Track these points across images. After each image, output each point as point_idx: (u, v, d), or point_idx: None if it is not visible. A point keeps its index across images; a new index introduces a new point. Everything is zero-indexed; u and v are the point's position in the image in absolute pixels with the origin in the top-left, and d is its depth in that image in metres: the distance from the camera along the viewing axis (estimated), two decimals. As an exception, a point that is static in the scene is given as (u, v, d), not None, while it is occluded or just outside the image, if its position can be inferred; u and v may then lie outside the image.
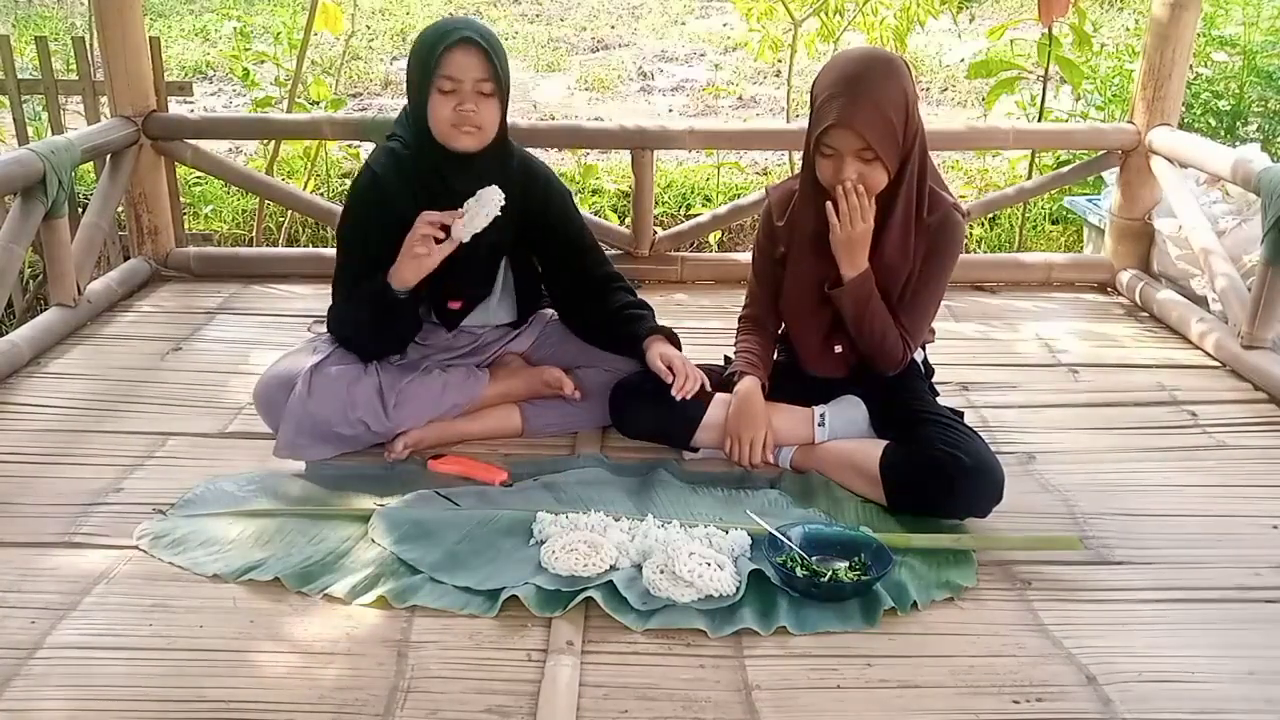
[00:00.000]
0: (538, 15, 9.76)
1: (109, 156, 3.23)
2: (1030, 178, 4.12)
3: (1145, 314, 3.25)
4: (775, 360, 2.34)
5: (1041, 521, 2.03)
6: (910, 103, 1.95)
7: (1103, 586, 1.82)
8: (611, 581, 1.74)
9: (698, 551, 1.78)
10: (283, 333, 2.96)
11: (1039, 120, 4.39)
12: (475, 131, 2.07)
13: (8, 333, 2.83)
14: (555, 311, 2.44)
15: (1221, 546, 1.95)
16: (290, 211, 4.42)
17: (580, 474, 2.14)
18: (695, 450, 2.23)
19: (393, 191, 2.13)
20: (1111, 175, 3.59)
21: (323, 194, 4.82)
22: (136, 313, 3.14)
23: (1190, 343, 2.98)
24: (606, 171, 5.16)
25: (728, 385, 2.21)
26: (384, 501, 2.00)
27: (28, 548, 1.88)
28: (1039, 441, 2.36)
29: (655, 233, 3.50)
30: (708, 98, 7.27)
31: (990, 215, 4.75)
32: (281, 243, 4.60)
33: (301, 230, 4.74)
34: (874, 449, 2.04)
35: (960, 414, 2.15)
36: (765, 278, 2.25)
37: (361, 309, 2.16)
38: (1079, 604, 1.77)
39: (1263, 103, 4.79)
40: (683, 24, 9.52)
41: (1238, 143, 4.43)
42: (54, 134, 3.84)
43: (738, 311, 2.35)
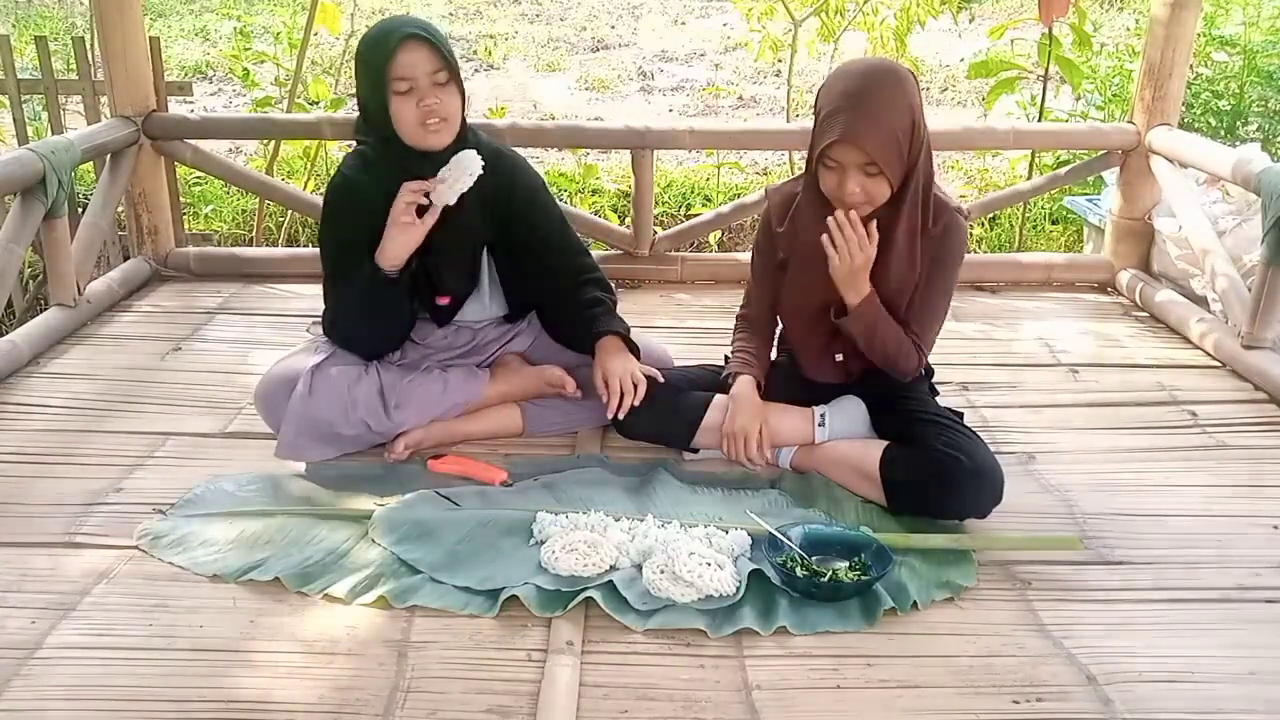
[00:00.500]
0: (538, 15, 9.76)
1: (109, 156, 3.23)
2: (1030, 178, 4.12)
3: (1145, 314, 3.25)
4: (775, 361, 2.34)
5: (1041, 521, 2.03)
6: (916, 117, 1.92)
7: (1103, 586, 1.82)
8: (611, 581, 1.74)
9: (698, 551, 1.78)
10: (283, 333, 2.96)
11: (1039, 120, 4.39)
12: (443, 125, 2.07)
13: (8, 333, 2.82)
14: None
15: (1221, 546, 1.95)
16: (290, 211, 4.42)
17: (580, 474, 2.14)
18: (695, 451, 2.23)
19: (366, 192, 2.11)
20: (1111, 175, 3.59)
21: (322, 194, 4.81)
22: (136, 313, 3.14)
23: (1190, 343, 2.98)
24: (606, 171, 5.16)
25: (725, 386, 2.21)
26: (384, 501, 2.00)
27: (28, 548, 1.88)
28: (1039, 441, 2.36)
29: (655, 233, 3.50)
30: (708, 98, 7.27)
31: (990, 215, 4.75)
32: (281, 243, 4.59)
33: (301, 230, 4.74)
34: (874, 450, 2.05)
35: (960, 414, 2.15)
36: (764, 280, 2.24)
37: (354, 298, 2.15)
38: (1079, 604, 1.77)
39: (1263, 103, 4.79)
40: (683, 24, 9.52)
41: (1238, 143, 4.43)
42: (54, 134, 3.85)
43: (738, 311, 2.35)
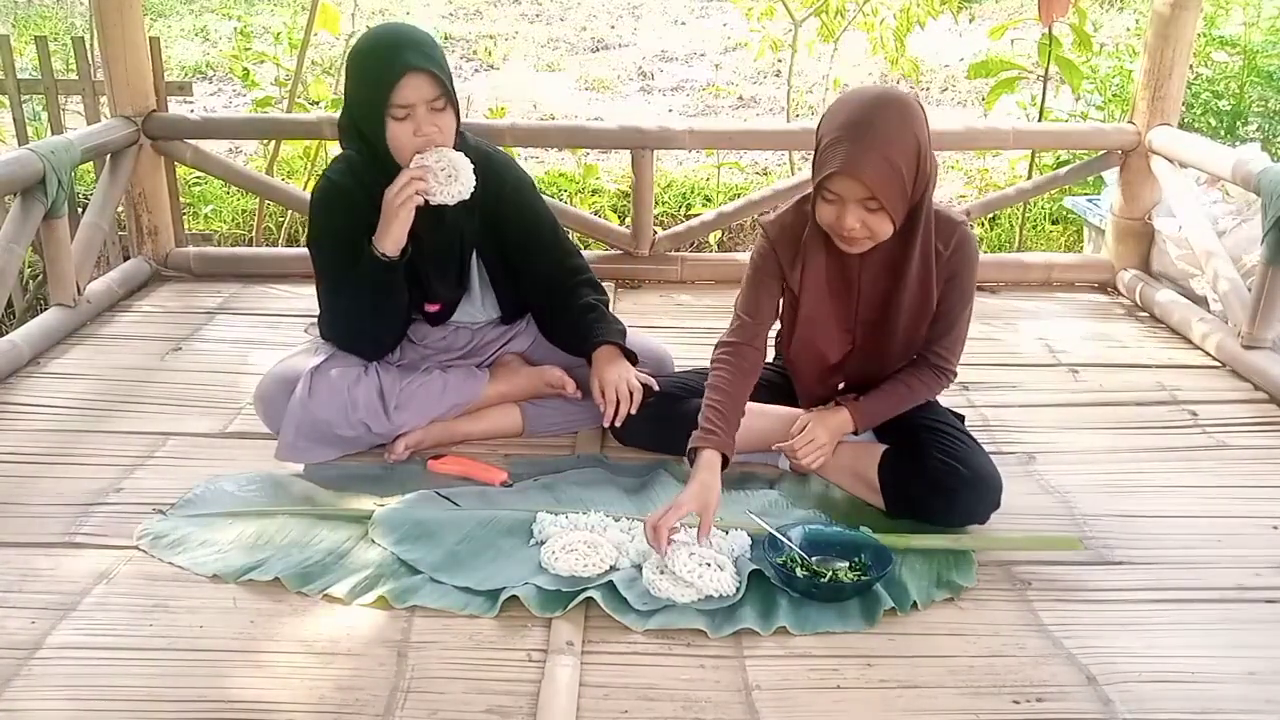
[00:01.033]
0: (538, 15, 9.75)
1: (109, 156, 3.23)
2: (1030, 178, 4.12)
3: (1145, 314, 3.26)
4: (772, 364, 2.33)
5: (1041, 522, 2.03)
6: (922, 151, 1.80)
7: (1103, 586, 1.82)
8: (611, 582, 1.74)
9: (697, 551, 1.78)
10: (283, 333, 2.96)
11: (1039, 120, 4.39)
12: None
13: (8, 333, 2.83)
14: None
15: (1221, 546, 1.95)
16: (290, 211, 4.42)
17: (580, 474, 2.14)
18: (695, 456, 2.22)
19: (354, 196, 2.10)
20: (1111, 175, 3.59)
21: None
22: (136, 313, 3.14)
23: (1190, 343, 2.98)
24: (606, 171, 5.16)
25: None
26: (384, 502, 2.00)
27: (28, 548, 1.88)
28: (1039, 441, 2.36)
29: (655, 233, 3.50)
30: (708, 98, 7.27)
31: (990, 215, 4.75)
32: (281, 243, 4.60)
33: (301, 230, 4.74)
34: (873, 455, 2.04)
35: (961, 417, 2.15)
36: (761, 312, 2.08)
37: (355, 292, 2.13)
38: (1079, 604, 1.77)
39: (1263, 103, 4.79)
40: (683, 24, 9.52)
41: (1238, 143, 4.44)
42: (54, 134, 3.85)
43: (722, 338, 2.26)
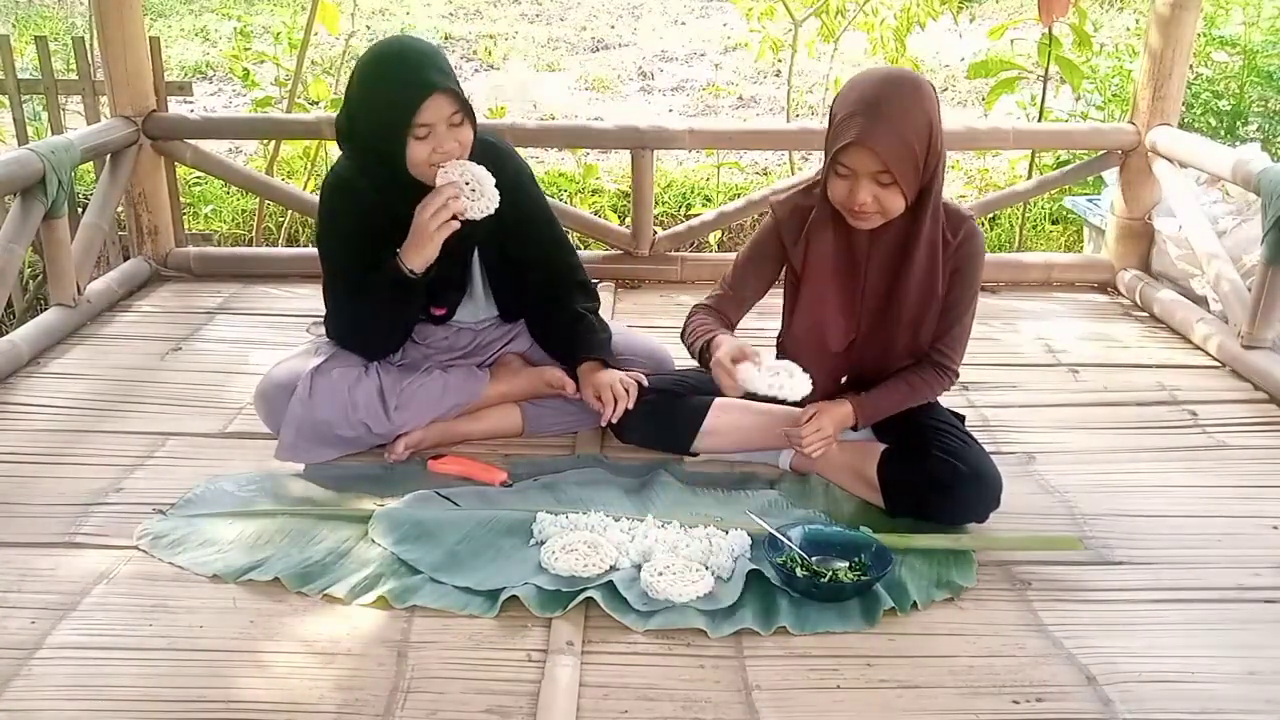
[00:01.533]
0: (538, 15, 9.75)
1: (109, 156, 3.23)
2: (1030, 178, 4.12)
3: (1145, 314, 3.26)
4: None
5: (1041, 522, 2.03)
6: (934, 130, 1.84)
7: (1103, 586, 1.82)
8: (611, 582, 1.74)
9: (764, 366, 1.77)
10: (283, 333, 2.96)
11: (1039, 120, 4.39)
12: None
13: (8, 333, 2.83)
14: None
15: (1221, 546, 1.95)
16: (290, 211, 4.42)
17: (580, 474, 2.14)
18: (696, 455, 2.22)
19: (364, 193, 2.10)
20: (1111, 175, 3.59)
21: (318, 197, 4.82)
22: (136, 313, 3.14)
23: (1190, 343, 2.98)
24: (606, 171, 5.16)
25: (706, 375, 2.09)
26: (384, 502, 2.00)
27: (28, 548, 1.88)
28: (1039, 441, 2.36)
29: (655, 233, 3.50)
30: (708, 98, 7.27)
31: (990, 215, 4.75)
32: (281, 243, 4.60)
33: (301, 230, 4.74)
34: (872, 453, 2.04)
35: (962, 417, 2.15)
36: (752, 284, 2.14)
37: (373, 300, 2.13)
38: (1079, 604, 1.77)
39: (1263, 103, 4.79)
40: (683, 24, 9.52)
41: (1238, 143, 4.43)
42: (54, 134, 3.85)
43: (697, 304, 2.26)
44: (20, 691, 1.52)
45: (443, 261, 2.11)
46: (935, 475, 1.93)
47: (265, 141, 4.89)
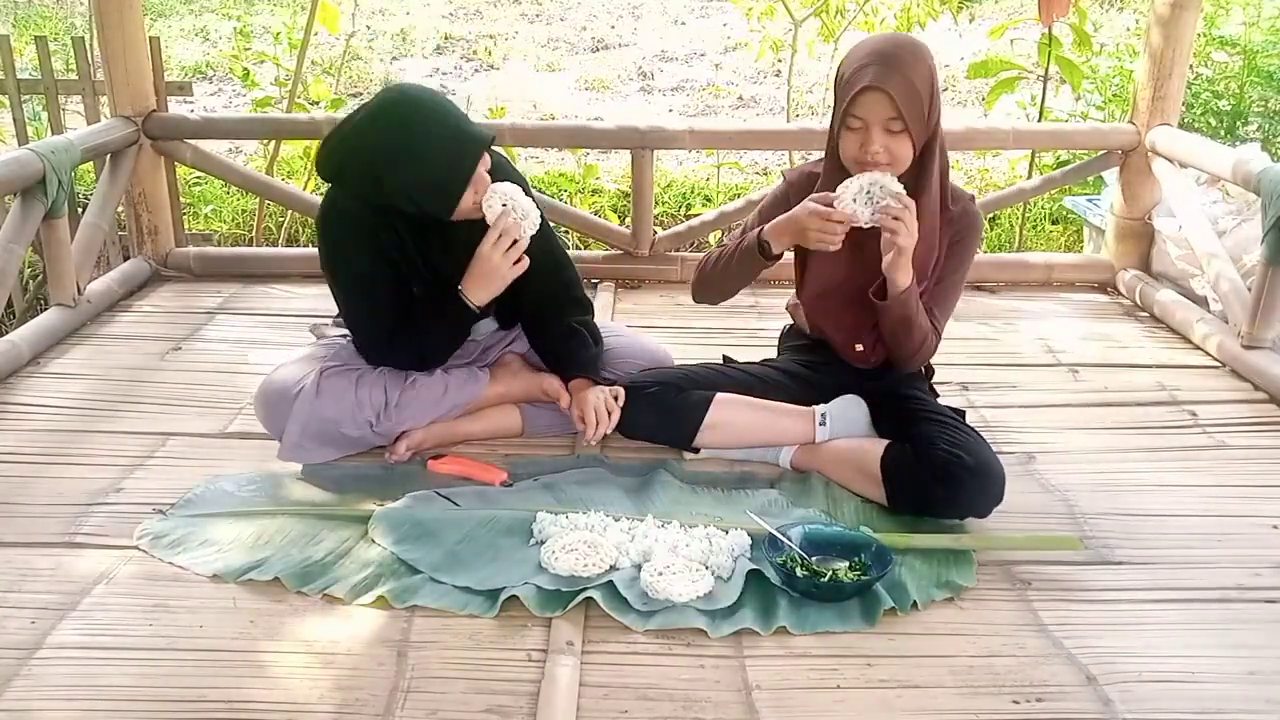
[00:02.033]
0: (538, 15, 9.75)
1: (109, 156, 3.23)
2: (1030, 178, 4.12)
3: (1145, 314, 3.26)
4: (773, 361, 2.34)
5: (1041, 521, 2.03)
6: (935, 86, 1.95)
7: (1103, 586, 1.82)
8: (611, 582, 1.74)
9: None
10: (283, 333, 2.96)
11: (1039, 120, 4.39)
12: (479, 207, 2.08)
13: (8, 333, 2.83)
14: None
15: (1221, 546, 1.95)
16: (290, 211, 4.42)
17: (580, 474, 2.14)
18: (697, 451, 2.23)
19: (366, 218, 2.09)
20: (1111, 175, 3.59)
21: (321, 194, 4.82)
22: (136, 313, 3.14)
23: (1190, 343, 2.98)
24: (606, 171, 5.16)
25: (763, 253, 2.07)
26: (384, 502, 2.00)
27: (28, 548, 1.88)
28: (1039, 441, 2.36)
29: (655, 233, 3.50)
30: (708, 98, 7.27)
31: (990, 215, 4.75)
32: (281, 243, 4.60)
33: (301, 230, 4.74)
34: (875, 448, 2.05)
35: (962, 413, 2.15)
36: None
37: (432, 332, 2.18)
38: (1079, 604, 1.77)
39: (1263, 103, 4.79)
40: (683, 24, 9.52)
41: (1238, 143, 4.43)
42: (54, 134, 3.85)
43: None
44: (20, 691, 1.52)
45: (453, 277, 2.12)
46: (939, 468, 1.93)
47: (265, 141, 4.89)
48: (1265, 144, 4.50)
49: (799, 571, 1.76)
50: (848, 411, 2.17)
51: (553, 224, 2.41)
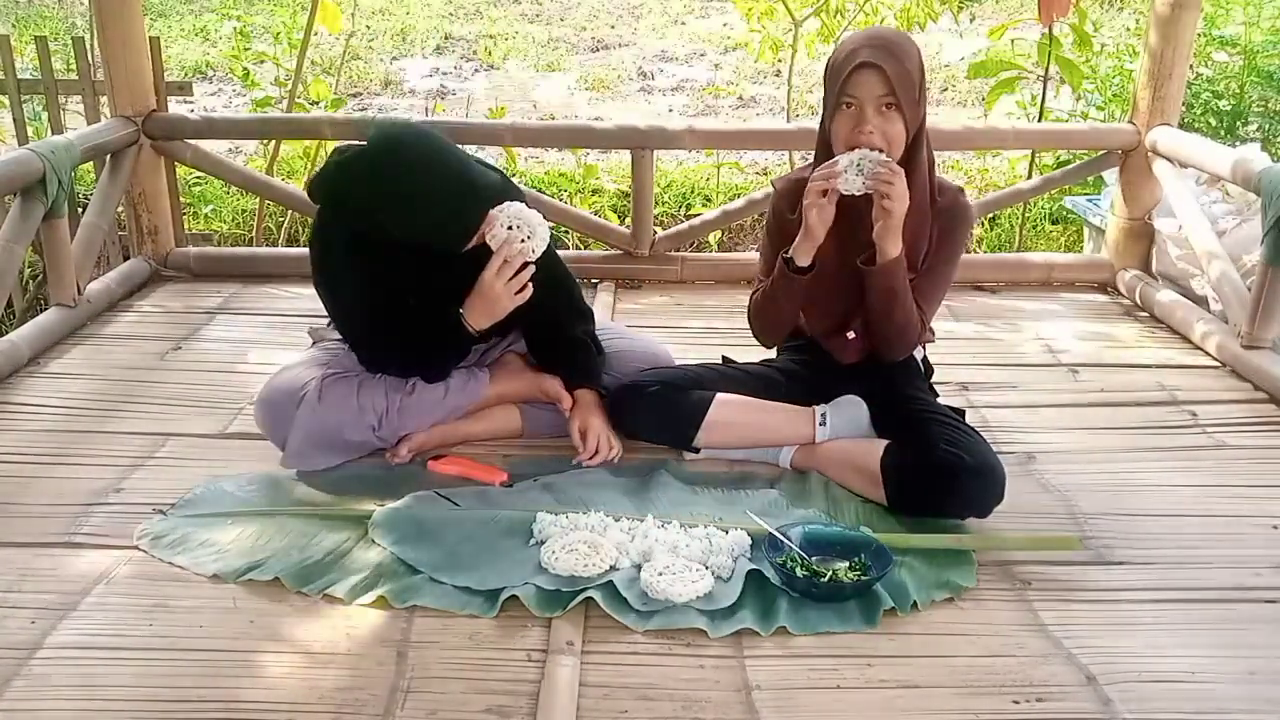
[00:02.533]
0: (538, 15, 9.75)
1: (109, 156, 3.23)
2: (1030, 178, 4.12)
3: (1145, 314, 3.25)
4: (773, 362, 2.34)
5: (1041, 521, 2.03)
6: (923, 75, 1.99)
7: (1103, 586, 1.82)
8: (611, 582, 1.74)
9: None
10: (283, 333, 2.96)
11: (1039, 120, 4.39)
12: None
13: (8, 333, 2.83)
14: None
15: (1221, 546, 1.95)
16: (290, 211, 4.42)
17: (580, 474, 2.14)
18: (697, 451, 2.23)
19: (364, 246, 2.08)
20: (1111, 175, 3.59)
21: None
22: (136, 313, 3.14)
23: (1190, 343, 2.98)
24: (606, 171, 5.15)
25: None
26: (384, 502, 2.00)
27: (28, 548, 1.88)
28: (1039, 441, 2.36)
29: (655, 233, 3.50)
30: (708, 98, 7.27)
31: (990, 215, 4.75)
32: (281, 243, 4.59)
33: (301, 230, 4.74)
34: (875, 448, 2.04)
35: (962, 413, 2.15)
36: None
37: (439, 356, 2.18)
38: (1079, 604, 1.77)
39: (1263, 103, 4.79)
40: (683, 24, 9.52)
41: (1238, 143, 4.43)
42: (54, 134, 3.85)
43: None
44: (20, 691, 1.52)
45: (452, 293, 2.12)
46: (939, 467, 1.93)
47: (265, 141, 4.89)
48: (1265, 144, 4.50)
49: (799, 571, 1.76)
50: (848, 411, 2.17)
51: (552, 225, 2.40)
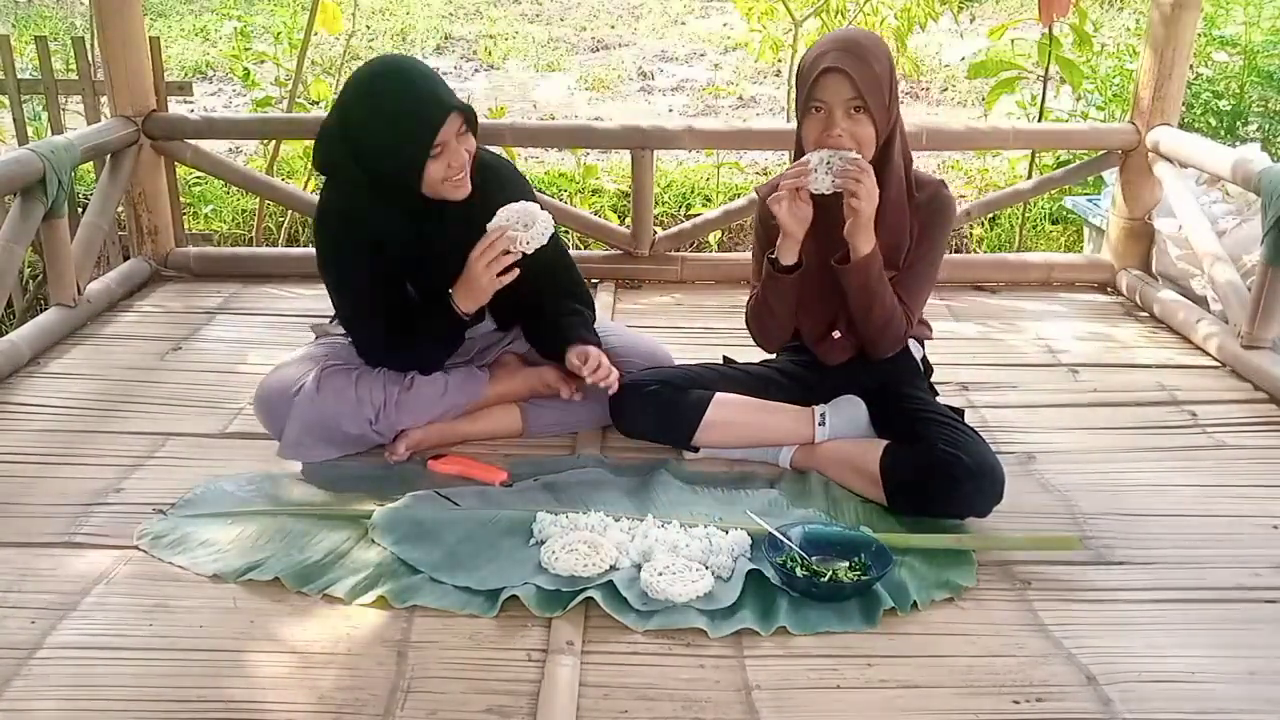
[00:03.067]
0: (538, 15, 9.76)
1: (109, 156, 3.23)
2: (1030, 178, 4.12)
3: (1145, 314, 3.25)
4: (773, 363, 2.34)
5: (1041, 521, 2.03)
6: (894, 77, 1.99)
7: (1103, 586, 1.82)
8: (611, 581, 1.74)
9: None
10: (283, 333, 2.96)
11: (1039, 120, 4.39)
12: (463, 178, 2.06)
13: (8, 333, 2.83)
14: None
15: (1221, 546, 1.95)
16: (290, 211, 4.42)
17: (580, 474, 2.14)
18: (696, 450, 2.23)
19: (363, 220, 2.10)
20: (1111, 175, 3.59)
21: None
22: (136, 313, 3.14)
23: (1190, 343, 2.98)
24: (606, 171, 5.15)
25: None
26: (384, 502, 2.00)
27: (28, 548, 1.88)
28: (1039, 441, 2.36)
29: (655, 233, 3.50)
30: (708, 98, 7.27)
31: (990, 215, 4.75)
32: (281, 243, 4.60)
33: (301, 230, 4.74)
34: (874, 448, 2.04)
35: (961, 412, 2.15)
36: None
37: (424, 335, 2.18)
38: (1079, 604, 1.77)
39: (1263, 103, 4.79)
40: (683, 24, 9.52)
41: (1238, 143, 4.43)
42: (54, 134, 3.85)
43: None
44: (20, 691, 1.52)
45: (446, 275, 2.12)
46: (938, 467, 1.93)
47: (265, 141, 4.89)
48: (1265, 144, 4.50)
49: (799, 571, 1.76)
50: (847, 411, 2.17)
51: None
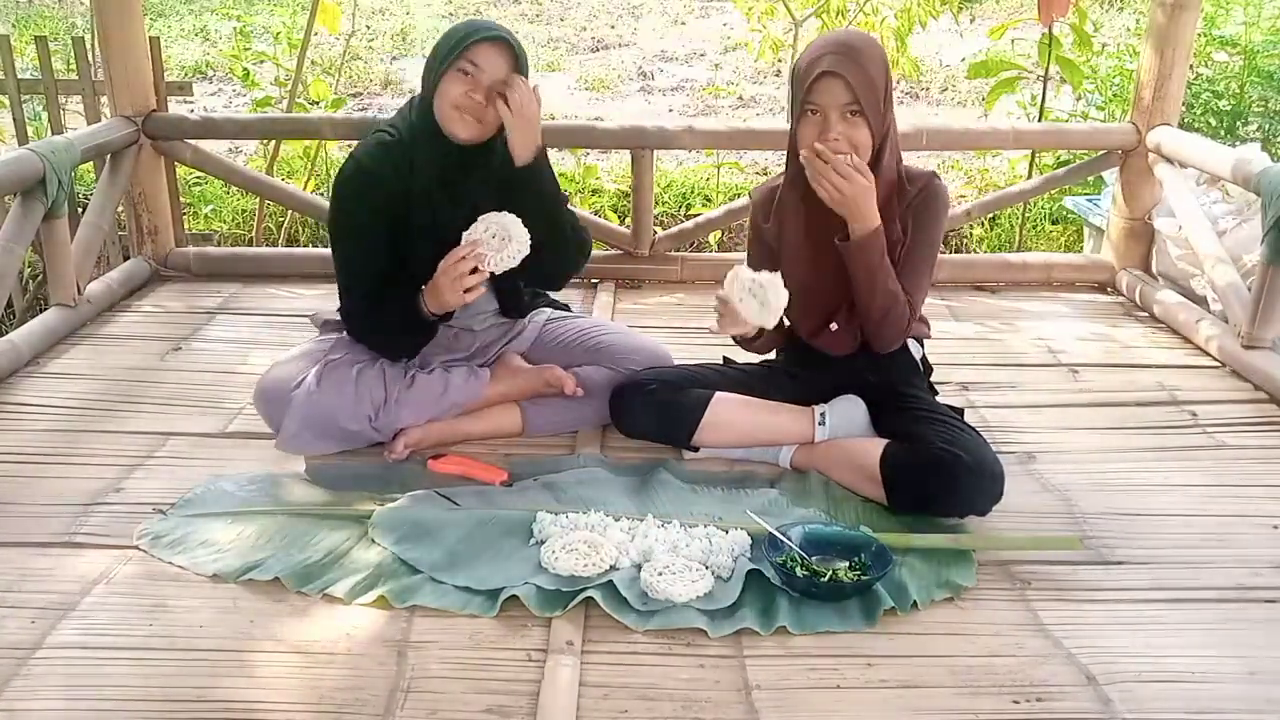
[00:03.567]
0: (538, 15, 9.76)
1: (109, 156, 3.23)
2: (1030, 178, 4.12)
3: (1145, 314, 3.25)
4: (772, 363, 2.34)
5: (1041, 521, 2.03)
6: (889, 73, 1.99)
7: (1103, 586, 1.82)
8: (611, 581, 1.74)
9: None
10: (283, 333, 2.96)
11: (1039, 120, 4.39)
12: (475, 124, 2.08)
13: (8, 333, 2.83)
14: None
15: (1221, 546, 1.95)
16: (290, 211, 4.42)
17: (580, 474, 2.14)
18: (696, 450, 2.23)
19: (383, 181, 2.12)
20: (1111, 175, 3.59)
21: (322, 194, 4.81)
22: (136, 313, 3.14)
23: (1190, 343, 2.98)
24: (606, 171, 5.16)
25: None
26: (384, 501, 2.00)
27: (28, 548, 1.88)
28: (1039, 441, 2.36)
29: (655, 233, 3.50)
30: (708, 98, 7.27)
31: (990, 215, 4.75)
32: (281, 243, 4.60)
33: (301, 230, 4.74)
34: (874, 447, 2.04)
35: (961, 411, 2.15)
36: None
37: (389, 319, 2.19)
38: (1079, 604, 1.77)
39: (1263, 103, 4.78)
40: (683, 24, 9.53)
41: (1238, 143, 4.43)
42: (54, 134, 3.85)
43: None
44: (20, 691, 1.52)
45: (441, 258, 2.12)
46: (938, 466, 1.93)
47: (265, 141, 4.89)
48: (1265, 144, 4.49)
49: (799, 571, 1.76)
50: (847, 411, 2.17)
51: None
